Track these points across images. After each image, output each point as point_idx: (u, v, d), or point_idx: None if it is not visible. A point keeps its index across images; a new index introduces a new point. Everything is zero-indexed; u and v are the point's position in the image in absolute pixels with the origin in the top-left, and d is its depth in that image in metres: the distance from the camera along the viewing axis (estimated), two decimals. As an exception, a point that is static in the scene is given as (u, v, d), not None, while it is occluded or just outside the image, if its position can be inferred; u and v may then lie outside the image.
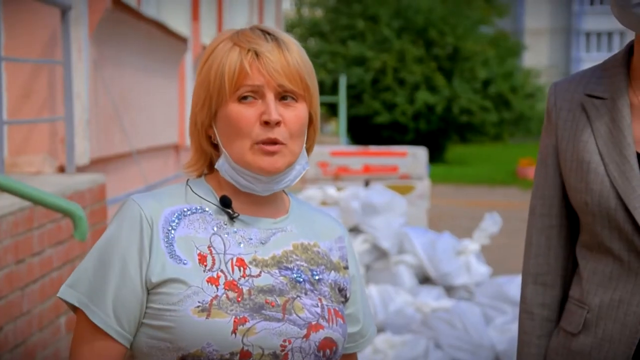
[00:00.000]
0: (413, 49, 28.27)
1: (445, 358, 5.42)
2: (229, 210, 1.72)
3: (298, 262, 1.73)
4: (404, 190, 9.26)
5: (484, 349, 5.43)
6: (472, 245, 6.80)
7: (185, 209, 1.71)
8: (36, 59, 4.89)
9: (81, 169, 5.12)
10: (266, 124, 1.67)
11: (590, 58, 45.11)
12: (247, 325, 1.62)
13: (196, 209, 1.72)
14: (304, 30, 30.06)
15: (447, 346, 5.43)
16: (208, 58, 1.72)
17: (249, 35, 1.71)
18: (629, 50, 2.04)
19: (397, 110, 27.75)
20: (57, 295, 1.69)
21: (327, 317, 1.70)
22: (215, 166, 1.74)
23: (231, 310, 1.63)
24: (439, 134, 28.69)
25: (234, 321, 1.62)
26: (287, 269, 1.71)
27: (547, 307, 2.10)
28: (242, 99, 1.68)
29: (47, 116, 4.93)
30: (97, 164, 5.50)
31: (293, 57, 1.70)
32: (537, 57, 44.08)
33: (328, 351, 1.69)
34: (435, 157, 26.17)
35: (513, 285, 6.08)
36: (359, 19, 28.94)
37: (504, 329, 5.63)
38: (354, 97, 27.58)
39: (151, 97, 7.10)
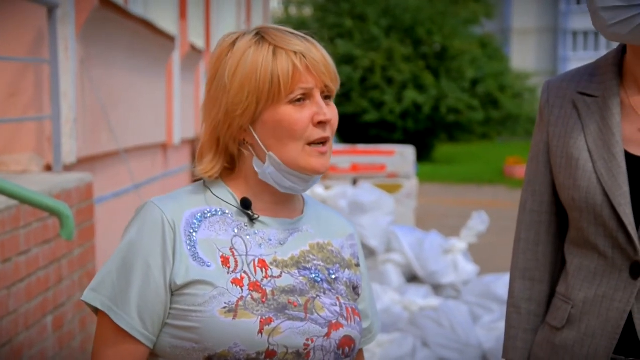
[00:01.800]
0: (401, 47, 28.31)
1: (432, 356, 5.43)
2: (249, 212, 1.74)
3: (315, 262, 1.76)
4: (391, 188, 9.27)
5: (471, 347, 5.44)
6: (459, 244, 6.81)
7: (205, 211, 1.73)
8: (23, 58, 4.87)
9: (68, 168, 5.11)
10: (320, 124, 1.71)
11: (577, 57, 45.25)
12: (273, 325, 1.65)
13: (216, 210, 1.74)
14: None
15: (434, 345, 5.44)
16: (239, 62, 1.70)
17: (281, 36, 1.73)
18: (622, 49, 2.06)
19: (385, 108, 27.78)
20: (82, 298, 1.71)
21: (345, 315, 1.74)
22: (257, 169, 1.73)
23: (257, 310, 1.66)
24: (427, 133, 28.74)
25: (260, 321, 1.65)
26: (305, 269, 1.75)
27: (535, 302, 2.12)
28: (295, 101, 1.70)
29: (34, 115, 4.92)
30: (84, 162, 5.48)
31: (328, 55, 1.74)
32: (524, 57, 44.21)
33: (347, 349, 1.73)
34: (423, 155, 26.23)
35: (500, 283, 6.10)
36: (347, 17, 28.96)
37: (491, 327, 5.64)
38: (342, 95, 27.58)
39: (138, 96, 7.08)
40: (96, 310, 1.70)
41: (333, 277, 1.77)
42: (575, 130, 2.03)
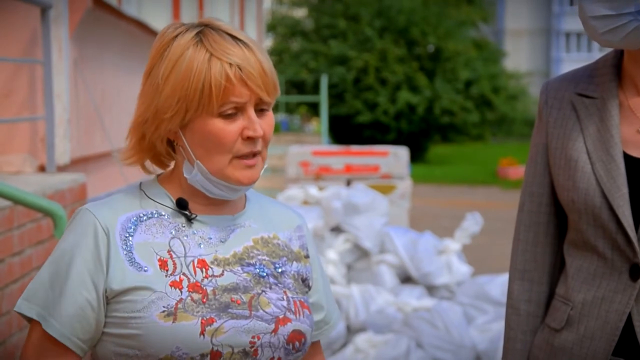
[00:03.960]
0: (395, 48, 28.32)
1: (426, 357, 5.43)
2: (186, 212, 1.71)
3: (260, 257, 1.74)
4: (385, 189, 9.27)
5: (465, 348, 5.44)
6: (453, 245, 6.81)
7: (141, 214, 1.70)
8: (16, 59, 4.86)
9: (62, 169, 5.10)
10: (249, 138, 1.67)
11: (570, 59, 45.32)
12: (215, 325, 1.63)
13: (152, 213, 1.71)
14: (285, 29, 30.03)
15: (428, 346, 5.44)
16: (175, 65, 1.66)
17: (220, 41, 1.67)
18: (621, 51, 2.06)
19: (378, 109, 27.77)
20: (14, 309, 1.67)
21: (293, 309, 1.72)
22: (186, 175, 1.71)
23: (197, 312, 1.63)
24: (421, 134, 28.74)
25: (201, 322, 1.62)
26: (249, 264, 1.72)
27: (533, 303, 2.11)
28: (226, 115, 1.66)
29: (28, 116, 4.91)
30: (78, 163, 5.47)
31: (266, 63, 1.68)
32: (517, 58, 44.24)
33: (297, 343, 1.71)
34: (417, 156, 26.22)
35: (494, 284, 6.10)
36: (340, 18, 28.96)
37: (485, 328, 5.64)
38: (336, 96, 27.58)
39: (132, 97, 7.07)
40: (29, 320, 1.67)
41: (279, 270, 1.75)
42: (574, 131, 2.03)
